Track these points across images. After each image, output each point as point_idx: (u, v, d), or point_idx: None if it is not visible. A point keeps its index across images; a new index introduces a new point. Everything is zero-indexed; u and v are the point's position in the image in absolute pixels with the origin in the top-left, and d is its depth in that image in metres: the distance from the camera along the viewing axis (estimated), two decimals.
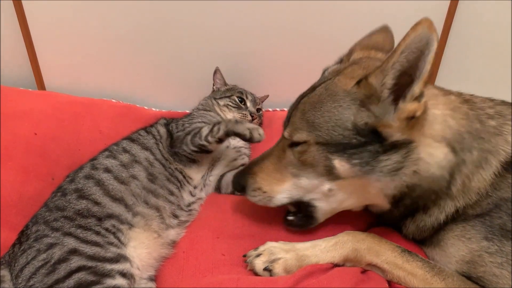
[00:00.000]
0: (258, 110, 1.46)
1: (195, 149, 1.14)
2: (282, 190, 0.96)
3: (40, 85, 1.50)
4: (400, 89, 0.81)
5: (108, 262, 0.87)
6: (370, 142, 0.85)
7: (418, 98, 0.81)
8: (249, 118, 1.37)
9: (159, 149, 1.16)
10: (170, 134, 1.22)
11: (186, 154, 1.15)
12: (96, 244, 0.90)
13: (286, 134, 0.96)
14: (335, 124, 0.86)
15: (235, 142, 1.29)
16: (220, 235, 1.02)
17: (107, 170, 1.06)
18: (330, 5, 1.38)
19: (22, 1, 1.36)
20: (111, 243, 0.91)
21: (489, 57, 1.47)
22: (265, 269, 0.91)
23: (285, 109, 1.56)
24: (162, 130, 1.23)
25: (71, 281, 0.83)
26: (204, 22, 1.44)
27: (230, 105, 1.39)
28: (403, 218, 0.98)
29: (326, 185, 0.92)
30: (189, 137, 1.15)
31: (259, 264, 0.91)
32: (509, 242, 0.85)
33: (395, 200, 0.92)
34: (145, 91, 1.56)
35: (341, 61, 1.07)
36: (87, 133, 1.30)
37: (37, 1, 1.37)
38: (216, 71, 1.48)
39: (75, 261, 0.85)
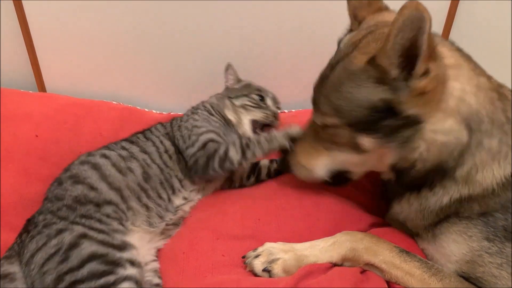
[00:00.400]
0: (278, 109, 1.34)
1: (225, 171, 1.12)
2: (319, 164, 1.02)
3: (41, 87, 1.50)
4: (412, 64, 0.81)
5: (117, 250, 0.88)
6: (387, 117, 0.86)
7: (426, 74, 0.81)
8: (272, 118, 1.26)
9: (162, 159, 1.13)
10: (177, 148, 1.16)
11: (213, 176, 1.13)
12: (101, 231, 0.91)
13: (315, 119, 0.99)
14: (356, 104, 0.88)
15: None
16: (220, 236, 1.02)
17: (105, 156, 1.06)
18: (331, 5, 1.38)
19: (23, 2, 1.37)
20: (115, 230, 0.93)
21: (490, 57, 1.46)
22: (264, 269, 0.91)
23: (287, 110, 1.56)
24: (167, 143, 1.17)
25: (85, 270, 0.83)
26: (206, 24, 1.44)
27: (249, 105, 1.27)
28: (410, 189, 0.98)
29: (356, 158, 0.96)
30: (215, 163, 1.08)
31: (258, 265, 0.92)
32: (510, 244, 0.85)
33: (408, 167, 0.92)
34: (146, 93, 1.56)
35: (350, 30, 1.06)
36: (88, 135, 1.30)
37: (38, 3, 1.37)
38: (228, 66, 1.36)
39: (86, 246, 0.86)
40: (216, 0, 1.40)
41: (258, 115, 1.26)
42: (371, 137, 0.89)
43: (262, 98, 1.30)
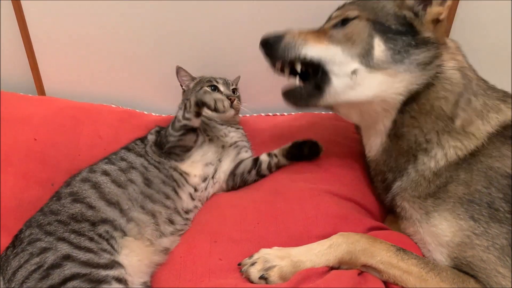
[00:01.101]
0: (234, 91, 1.40)
1: (180, 132, 1.14)
2: (315, 46, 1.00)
3: (40, 90, 1.50)
4: None
5: (103, 268, 0.87)
6: (406, 33, 0.96)
7: (442, 3, 0.96)
8: (228, 102, 1.23)
9: (149, 155, 1.16)
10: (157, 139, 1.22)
11: (175, 144, 1.16)
12: (89, 250, 0.90)
13: (337, 13, 1.04)
14: (382, 8, 0.98)
15: (229, 139, 1.29)
16: (218, 239, 1.02)
17: (105, 173, 1.06)
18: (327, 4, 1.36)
19: (22, 3, 1.37)
20: (105, 250, 0.91)
21: (490, 57, 1.45)
22: (261, 277, 0.90)
23: (286, 113, 1.56)
24: (151, 137, 1.23)
25: (66, 287, 0.83)
26: (205, 27, 1.44)
27: (217, 83, 1.36)
28: (406, 162, 1.01)
29: (354, 65, 0.97)
30: (169, 128, 1.16)
31: (254, 272, 0.91)
32: (496, 224, 0.87)
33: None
34: (145, 96, 1.56)
35: None
36: (87, 138, 1.30)
37: (38, 6, 1.38)
38: (178, 70, 1.40)
39: (69, 268, 0.85)
40: (215, 1, 1.39)
41: None
42: (386, 44, 0.95)
43: (215, 88, 1.35)
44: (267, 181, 1.22)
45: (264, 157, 1.24)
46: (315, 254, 0.93)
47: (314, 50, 0.99)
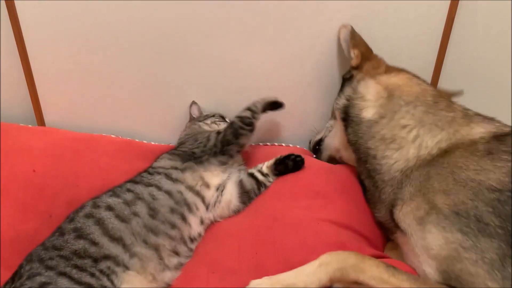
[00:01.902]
0: None
1: (250, 128, 1.28)
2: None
3: (40, 121, 1.52)
4: None
5: None
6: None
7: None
8: None
9: (172, 178, 1.17)
10: (184, 155, 1.27)
11: (239, 141, 1.28)
12: (89, 286, 0.89)
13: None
14: None
15: None
16: (216, 269, 1.01)
17: (109, 208, 1.05)
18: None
19: (24, 34, 1.40)
20: (104, 287, 0.91)
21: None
22: None
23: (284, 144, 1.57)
24: (174, 160, 1.26)
25: None
26: (204, 57, 1.46)
27: (218, 121, 1.44)
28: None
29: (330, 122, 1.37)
30: (230, 131, 1.28)
31: None
32: (485, 239, 0.85)
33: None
34: (145, 126, 1.57)
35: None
36: (85, 168, 1.30)
37: (39, 37, 1.40)
38: (193, 103, 1.50)
39: None
40: (216, 34, 1.42)
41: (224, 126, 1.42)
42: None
43: (223, 119, 1.48)
44: (265, 206, 1.21)
45: (260, 177, 1.26)
46: (306, 274, 0.92)
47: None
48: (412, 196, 1.00)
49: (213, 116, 1.48)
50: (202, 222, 1.16)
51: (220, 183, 1.23)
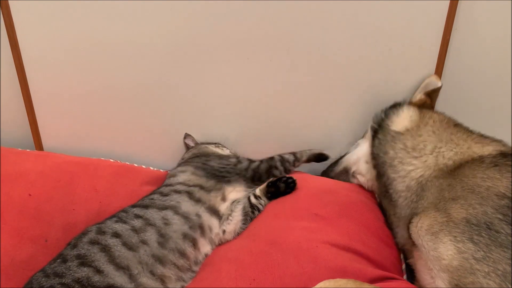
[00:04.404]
0: None
1: (283, 171, 1.33)
2: None
3: (38, 145, 1.51)
4: None
5: None
6: None
7: None
8: None
9: (195, 198, 1.16)
10: (211, 170, 1.28)
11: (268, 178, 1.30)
12: None
13: None
14: None
15: None
16: None
17: (116, 234, 1.02)
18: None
19: (23, 59, 1.41)
20: None
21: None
22: None
23: None
24: (195, 175, 1.26)
25: None
26: (204, 86, 1.47)
27: (221, 146, 1.48)
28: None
29: (358, 141, 1.45)
30: (265, 166, 1.31)
31: None
32: (498, 249, 0.84)
33: None
34: (143, 151, 1.56)
35: None
36: (82, 192, 1.29)
37: (38, 62, 1.41)
38: (186, 135, 1.52)
39: None
40: (217, 59, 1.43)
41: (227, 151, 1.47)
42: None
43: (224, 146, 1.50)
44: (263, 229, 1.19)
45: (253, 200, 1.26)
46: None
47: None
48: (425, 209, 1.02)
49: (215, 143, 1.50)
50: (211, 241, 1.14)
51: (236, 199, 1.24)
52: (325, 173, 1.48)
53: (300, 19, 1.38)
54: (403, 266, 1.17)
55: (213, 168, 1.28)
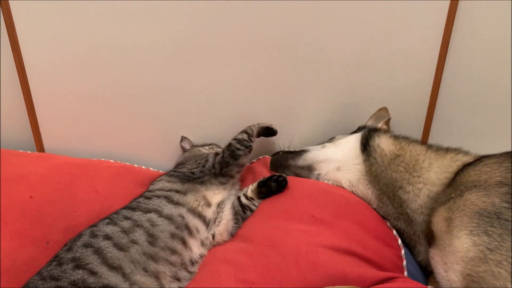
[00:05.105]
0: None
1: (247, 149, 1.33)
2: None
3: (39, 147, 1.52)
4: None
5: None
6: None
7: None
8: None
9: (173, 201, 1.17)
10: (182, 176, 1.28)
11: (237, 161, 1.32)
12: None
13: None
14: None
15: None
16: None
17: (107, 237, 1.04)
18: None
19: (24, 61, 1.41)
20: None
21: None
22: None
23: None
24: (172, 182, 1.27)
25: None
26: (204, 85, 1.47)
27: (216, 147, 1.52)
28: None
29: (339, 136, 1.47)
30: (228, 153, 1.31)
31: None
32: (509, 237, 0.87)
33: None
34: (144, 152, 1.57)
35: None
36: (83, 194, 1.29)
37: (39, 64, 1.41)
38: (183, 138, 1.55)
39: None
40: (215, 60, 1.43)
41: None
42: None
43: (219, 147, 1.53)
44: (259, 230, 1.18)
45: (244, 200, 1.27)
46: None
47: None
48: (438, 211, 1.07)
49: (210, 144, 1.52)
50: (202, 243, 1.15)
51: (221, 200, 1.25)
52: (281, 158, 1.46)
53: (300, 20, 1.38)
54: (404, 262, 1.17)
55: (184, 174, 1.30)
